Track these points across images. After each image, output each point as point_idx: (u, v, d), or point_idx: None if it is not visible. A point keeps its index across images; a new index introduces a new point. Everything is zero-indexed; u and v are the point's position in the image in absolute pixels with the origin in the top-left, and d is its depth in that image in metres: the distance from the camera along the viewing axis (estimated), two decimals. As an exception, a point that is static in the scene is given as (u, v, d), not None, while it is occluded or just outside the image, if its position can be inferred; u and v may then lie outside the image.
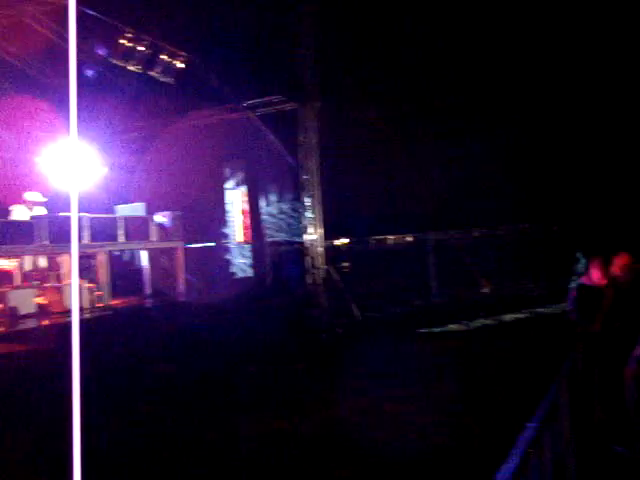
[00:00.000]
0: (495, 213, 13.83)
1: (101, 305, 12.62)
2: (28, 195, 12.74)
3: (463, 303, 14.04)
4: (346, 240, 15.61)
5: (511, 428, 3.50)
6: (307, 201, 14.10)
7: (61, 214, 12.40)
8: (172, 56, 13.06)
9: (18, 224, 11.69)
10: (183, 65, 13.26)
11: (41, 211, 12.67)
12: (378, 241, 15.56)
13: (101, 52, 12.51)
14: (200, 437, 6.82)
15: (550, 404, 3.89)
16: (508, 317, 12.85)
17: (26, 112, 15.89)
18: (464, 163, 14.29)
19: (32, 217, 12.14)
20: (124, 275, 14.58)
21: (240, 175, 17.45)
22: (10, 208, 12.57)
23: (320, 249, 13.94)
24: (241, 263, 17.42)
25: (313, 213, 14.05)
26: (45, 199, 12.86)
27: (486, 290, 14.57)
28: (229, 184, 17.76)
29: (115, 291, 13.48)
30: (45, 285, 12.48)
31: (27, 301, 11.32)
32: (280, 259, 16.17)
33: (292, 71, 13.38)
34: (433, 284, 14.87)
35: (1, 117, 15.51)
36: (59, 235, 11.72)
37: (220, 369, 9.35)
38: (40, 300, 11.91)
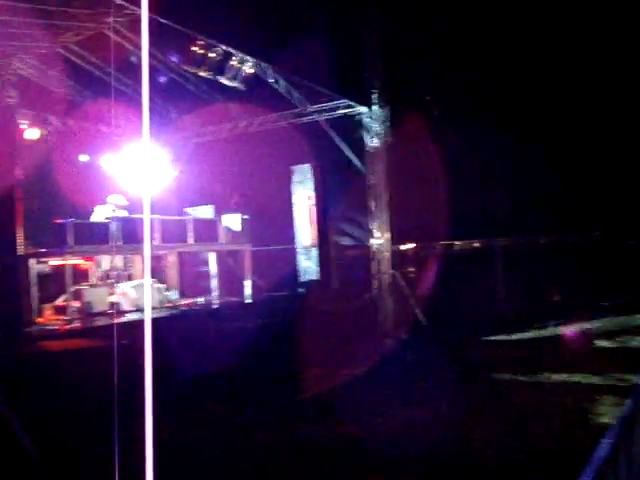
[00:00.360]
0: (565, 219, 13.44)
1: (170, 305, 12.95)
2: (111, 198, 13.24)
3: (531, 311, 13.69)
4: (412, 245, 15.48)
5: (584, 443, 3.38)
6: (374, 205, 14.07)
7: (134, 216, 12.82)
8: (241, 62, 13.28)
9: (94, 225, 12.14)
10: (252, 71, 13.46)
11: (123, 213, 13.12)
12: (444, 246, 15.35)
13: (174, 59, 12.86)
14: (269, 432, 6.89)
15: (626, 418, 3.74)
16: (577, 326, 12.42)
17: (105, 118, 16.54)
18: (534, 168, 13.95)
19: (107, 218, 12.59)
20: (192, 276, 14.92)
21: (307, 179, 17.57)
22: (95, 209, 13.11)
23: (386, 254, 13.88)
24: (307, 266, 17.53)
25: (380, 217, 14.00)
26: (126, 202, 13.32)
27: (555, 298, 14.14)
28: (296, 188, 17.91)
29: (184, 291, 13.81)
30: (118, 284, 12.92)
31: (101, 299, 11.74)
32: (346, 263, 16.18)
33: (359, 75, 13.40)
34: (500, 291, 14.56)
35: (85, 123, 16.20)
36: (132, 236, 12.11)
37: (281, 370, 9.42)
38: (113, 298, 12.34)
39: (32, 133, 15.07)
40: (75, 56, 14.00)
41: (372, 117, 13.99)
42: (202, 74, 13.04)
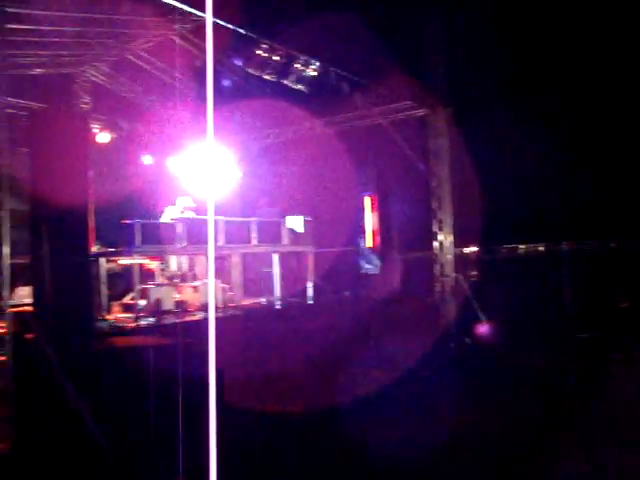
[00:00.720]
0: (635, 222, 12.92)
1: (233, 305, 13.16)
2: (180, 200, 13.58)
3: (599, 317, 13.21)
4: (475, 248, 15.22)
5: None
6: (437, 207, 13.91)
7: (199, 217, 13.09)
8: (305, 64, 13.37)
9: (161, 226, 12.46)
10: (316, 73, 13.53)
11: (190, 215, 13.41)
12: (508, 250, 15.00)
13: (238, 62, 13.07)
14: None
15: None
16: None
17: (172, 120, 16.96)
18: (603, 169, 13.47)
19: (173, 219, 12.90)
20: (255, 277, 15.10)
21: (370, 181, 17.53)
22: (165, 210, 13.48)
23: (449, 257, 13.71)
24: (370, 268, 17.48)
25: (443, 220, 13.84)
26: (194, 204, 13.63)
27: (625, 304, 13.60)
28: (359, 190, 17.89)
29: (246, 292, 14.00)
30: (183, 284, 13.21)
31: (167, 298, 12.04)
32: (409, 266, 16.05)
33: (422, 76, 13.27)
34: (566, 296, 14.12)
35: (153, 126, 16.68)
36: (197, 237, 12.37)
37: (341, 370, 9.43)
38: (178, 297, 12.63)
39: (103, 137, 15.63)
40: (143, 62, 14.43)
41: (435, 118, 13.84)
42: (266, 77, 13.21)
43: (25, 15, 10.26)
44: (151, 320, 11.33)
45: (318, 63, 13.27)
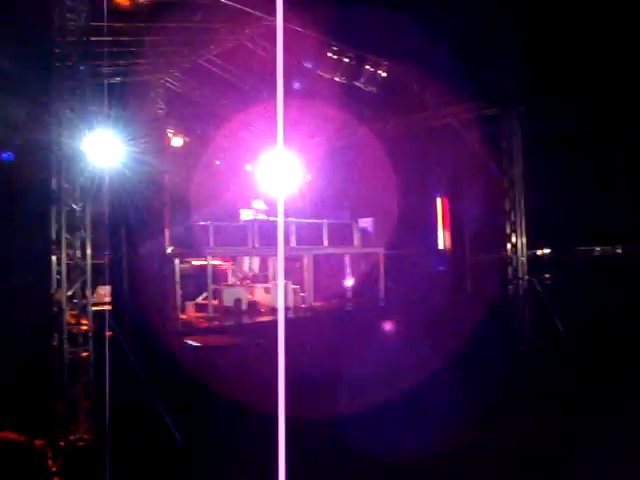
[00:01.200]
0: None
1: (305, 306, 13.25)
2: (255, 203, 13.83)
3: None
4: (548, 250, 14.78)
5: None
6: (509, 208, 13.60)
7: (270, 219, 13.26)
8: (375, 66, 13.34)
9: (233, 228, 12.69)
10: (386, 74, 13.47)
11: (263, 217, 13.61)
12: (583, 252, 14.45)
13: (309, 65, 13.16)
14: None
15: None
16: None
17: (244, 125, 17.28)
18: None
19: (244, 221, 13.12)
20: (326, 278, 15.16)
21: (441, 182, 17.31)
22: (240, 212, 13.75)
23: (522, 259, 13.38)
24: (441, 270, 17.25)
25: (516, 221, 13.52)
26: (266, 207, 13.83)
27: None
28: (430, 191, 17.70)
29: (318, 293, 14.07)
30: (255, 284, 13.41)
31: (239, 298, 12.25)
32: (480, 267, 15.75)
33: (494, 75, 12.99)
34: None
35: (224, 130, 17.04)
36: (269, 239, 12.53)
37: (408, 374, 9.33)
38: (250, 298, 12.83)
39: (176, 141, 16.09)
40: (216, 67, 14.74)
41: (507, 117, 13.54)
42: (337, 79, 13.25)
43: (107, 28, 10.69)
44: (224, 320, 11.56)
45: (389, 64, 13.21)
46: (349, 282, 14.82)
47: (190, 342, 9.87)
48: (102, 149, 8.27)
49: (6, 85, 9.62)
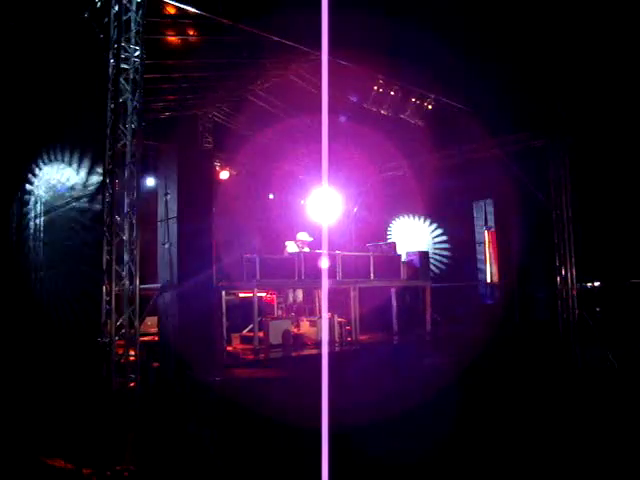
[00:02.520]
0: None
1: (350, 339, 13.12)
2: (299, 235, 13.89)
3: None
4: (598, 283, 14.34)
5: None
6: (558, 240, 13.33)
7: (316, 251, 13.26)
8: (421, 98, 13.38)
9: (279, 260, 12.72)
10: (431, 106, 13.50)
11: (308, 249, 13.64)
12: (635, 285, 13.93)
13: (355, 99, 13.28)
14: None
15: None
16: None
17: (289, 157, 17.49)
18: None
19: (289, 254, 13.15)
20: (372, 311, 15.00)
21: (489, 213, 17.10)
22: (285, 244, 13.84)
23: (572, 291, 13.05)
24: (490, 304, 16.93)
25: (565, 253, 13.24)
26: (311, 239, 13.87)
27: None
28: (479, 223, 17.49)
29: (364, 326, 13.93)
30: (301, 317, 13.37)
31: (285, 331, 12.20)
32: (530, 301, 15.38)
33: (541, 106, 12.87)
34: None
35: (270, 163, 17.28)
36: (314, 271, 12.50)
37: (467, 406, 9.12)
38: (296, 331, 12.78)
39: (223, 174, 16.36)
40: (262, 101, 15.02)
41: (555, 148, 13.36)
42: (383, 112, 13.32)
43: (159, 64, 11.06)
44: (270, 353, 11.53)
45: (433, 96, 13.24)
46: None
47: (236, 374, 9.87)
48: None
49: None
